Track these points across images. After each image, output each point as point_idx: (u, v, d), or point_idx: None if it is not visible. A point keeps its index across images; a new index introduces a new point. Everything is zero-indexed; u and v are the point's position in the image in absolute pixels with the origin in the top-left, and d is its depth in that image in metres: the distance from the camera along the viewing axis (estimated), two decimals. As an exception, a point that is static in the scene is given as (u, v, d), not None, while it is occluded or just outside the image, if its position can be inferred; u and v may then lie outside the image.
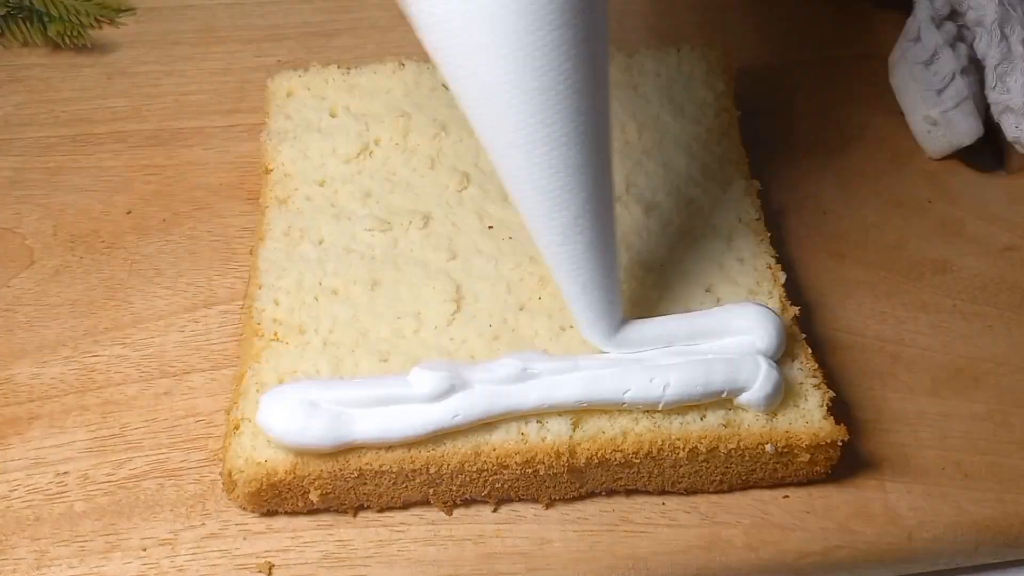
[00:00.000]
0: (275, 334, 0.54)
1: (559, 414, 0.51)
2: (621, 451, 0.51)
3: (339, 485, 0.51)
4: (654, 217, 0.59)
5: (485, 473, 0.51)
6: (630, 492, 0.54)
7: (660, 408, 0.51)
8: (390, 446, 0.50)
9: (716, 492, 0.54)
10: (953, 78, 0.67)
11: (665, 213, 0.60)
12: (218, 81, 0.73)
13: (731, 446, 0.51)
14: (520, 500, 0.53)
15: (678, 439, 0.51)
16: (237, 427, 0.51)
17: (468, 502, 0.53)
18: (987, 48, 0.68)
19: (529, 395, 0.50)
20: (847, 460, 0.54)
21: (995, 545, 0.54)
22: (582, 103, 0.44)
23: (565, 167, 0.45)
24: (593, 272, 0.49)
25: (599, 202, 0.47)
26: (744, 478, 0.53)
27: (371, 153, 0.63)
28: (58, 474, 0.54)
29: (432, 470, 0.50)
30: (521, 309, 0.55)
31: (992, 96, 0.68)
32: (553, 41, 0.42)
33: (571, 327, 0.53)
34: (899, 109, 0.70)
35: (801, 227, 0.65)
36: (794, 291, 0.60)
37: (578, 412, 0.51)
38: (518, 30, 0.42)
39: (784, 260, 0.60)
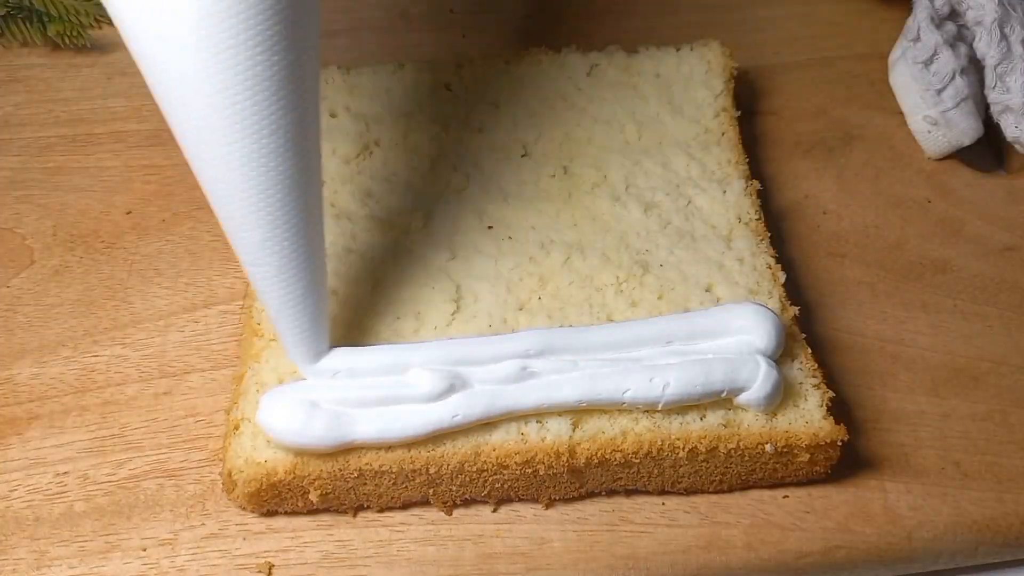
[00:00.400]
0: (275, 334, 0.54)
1: (559, 414, 0.51)
2: (621, 451, 0.51)
3: (339, 485, 0.51)
4: (653, 217, 0.59)
5: (485, 473, 0.51)
6: (630, 492, 0.54)
7: (660, 408, 0.51)
8: (390, 446, 0.50)
9: (716, 492, 0.54)
10: (953, 78, 0.67)
11: (664, 213, 0.60)
12: (218, 81, 0.73)
13: (731, 446, 0.51)
14: (520, 500, 0.53)
15: (678, 439, 0.51)
16: (237, 427, 0.51)
17: (468, 502, 0.53)
18: (987, 48, 0.68)
19: (529, 395, 0.50)
20: (847, 460, 0.54)
21: (994, 545, 0.54)
22: (276, 123, 0.42)
23: (253, 186, 0.43)
24: (288, 294, 0.47)
25: (294, 226, 0.45)
26: (744, 478, 0.53)
27: (371, 153, 0.63)
28: (58, 474, 0.54)
29: (432, 470, 0.50)
30: (520, 309, 0.55)
31: (992, 96, 0.68)
32: (246, 55, 0.40)
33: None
34: (899, 109, 0.70)
35: (801, 227, 0.65)
36: (794, 291, 0.60)
37: (578, 412, 0.51)
38: (214, 41, 0.40)
39: (784, 260, 0.60)
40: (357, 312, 0.55)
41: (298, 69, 0.42)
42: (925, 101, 0.68)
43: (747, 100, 0.70)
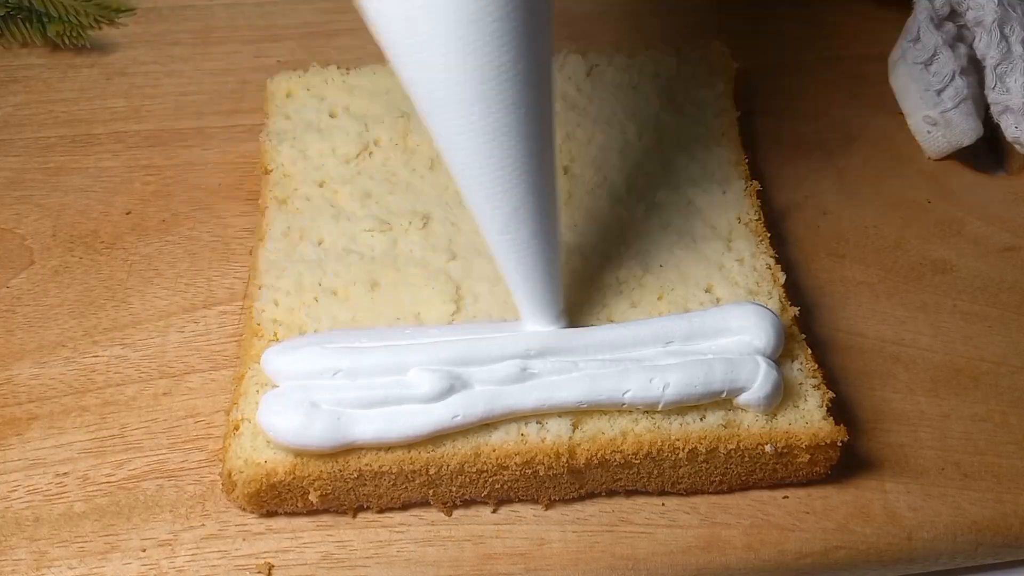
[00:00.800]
0: (275, 334, 0.54)
1: (559, 415, 0.51)
2: (621, 452, 0.51)
3: (339, 486, 0.51)
4: (654, 217, 0.59)
5: (485, 474, 0.51)
6: (630, 493, 0.54)
7: (660, 408, 0.51)
8: (390, 447, 0.50)
9: (716, 493, 0.54)
10: (953, 78, 0.67)
11: (665, 213, 0.60)
12: (217, 82, 0.73)
13: (731, 447, 0.51)
14: (520, 501, 0.53)
15: (678, 440, 0.51)
16: (237, 428, 0.51)
17: (468, 503, 0.53)
18: (987, 48, 0.68)
19: (529, 396, 0.50)
20: (846, 460, 0.54)
21: (994, 545, 0.54)
22: (522, 95, 0.45)
23: (505, 157, 0.46)
24: (535, 262, 0.50)
25: (540, 194, 0.48)
26: (744, 479, 0.53)
27: (371, 154, 0.63)
28: (57, 475, 0.54)
29: (432, 471, 0.50)
30: (521, 309, 0.55)
31: (992, 96, 0.68)
32: (495, 32, 0.43)
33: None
34: (899, 109, 0.70)
35: (801, 227, 0.65)
36: (794, 291, 0.60)
37: (578, 413, 0.51)
38: (460, 19, 0.43)
39: (784, 260, 0.60)
40: (357, 313, 0.55)
41: (535, 55, 0.45)
42: (925, 101, 0.68)
43: (747, 100, 0.70)
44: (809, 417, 0.52)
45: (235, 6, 0.78)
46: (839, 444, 0.52)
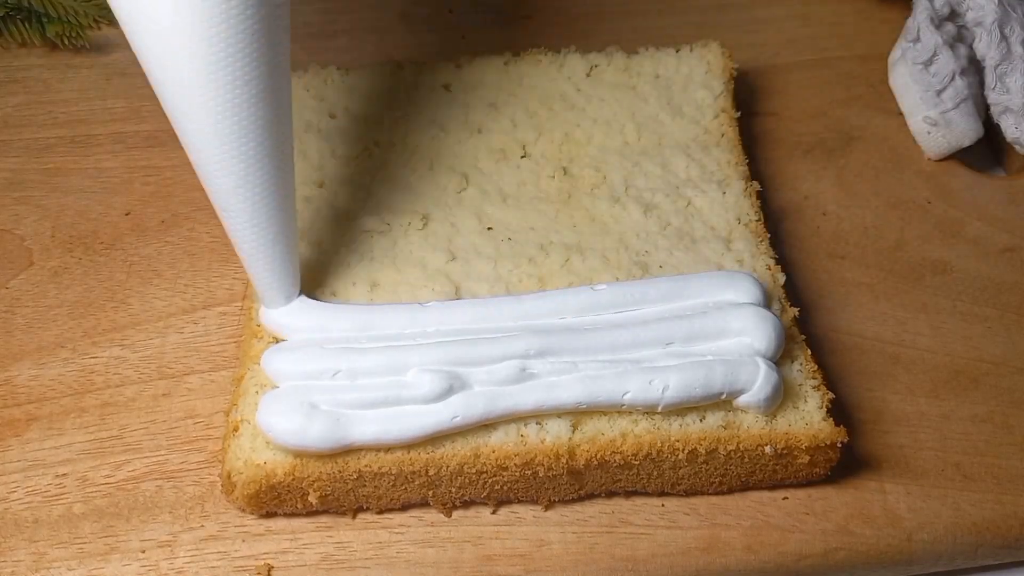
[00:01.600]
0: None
1: (558, 416, 0.51)
2: (620, 453, 0.51)
3: (338, 487, 0.51)
4: (653, 218, 0.59)
5: (484, 475, 0.51)
6: (629, 494, 0.54)
7: (659, 410, 0.51)
8: (389, 448, 0.50)
9: (715, 494, 0.54)
10: (953, 79, 0.67)
11: (664, 214, 0.60)
12: (217, 82, 0.73)
13: (730, 448, 0.51)
14: (519, 502, 0.53)
15: (677, 441, 0.51)
16: (236, 429, 0.51)
17: (467, 504, 0.53)
18: (987, 49, 0.68)
19: (528, 396, 0.50)
20: (846, 461, 0.54)
21: (994, 546, 0.54)
22: (249, 75, 0.45)
23: (227, 134, 0.46)
24: (260, 238, 0.50)
25: (265, 172, 0.48)
26: (743, 480, 0.53)
27: (370, 154, 0.63)
28: (56, 476, 0.54)
29: (431, 472, 0.50)
30: (520, 310, 0.55)
31: (992, 97, 0.68)
32: (220, 11, 0.43)
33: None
34: (899, 109, 0.70)
35: (801, 228, 0.65)
36: (793, 292, 0.60)
37: (577, 414, 0.51)
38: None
39: (783, 261, 0.60)
40: (356, 313, 0.55)
41: (270, 23, 0.45)
42: (925, 102, 0.68)
43: (747, 101, 0.70)
44: (809, 418, 0.52)
45: (234, 6, 0.78)
46: (839, 445, 0.52)
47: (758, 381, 0.50)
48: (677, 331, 0.52)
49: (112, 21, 0.75)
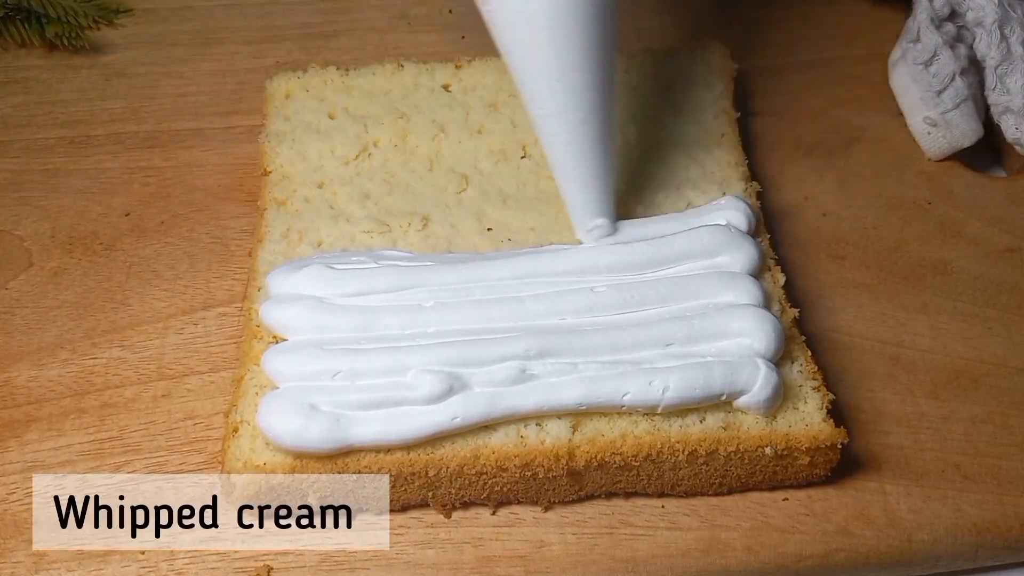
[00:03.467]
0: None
1: (558, 416, 0.51)
2: (620, 454, 0.51)
3: (338, 488, 0.51)
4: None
5: (484, 476, 0.51)
6: (629, 495, 0.54)
7: (659, 411, 0.51)
8: (389, 449, 0.50)
9: (715, 495, 0.54)
10: (953, 79, 0.67)
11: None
12: (216, 83, 0.73)
13: (730, 449, 0.51)
14: (519, 503, 0.53)
15: (677, 442, 0.51)
16: (236, 430, 0.51)
17: (467, 505, 0.53)
18: (987, 49, 0.68)
19: (528, 397, 0.50)
20: (846, 462, 0.54)
21: (995, 548, 0.54)
22: (593, 23, 0.51)
23: (576, 71, 0.52)
24: (593, 172, 0.54)
25: (603, 111, 0.54)
26: (743, 481, 0.53)
27: (370, 155, 0.63)
28: (56, 477, 0.54)
29: (431, 473, 0.50)
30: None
31: (992, 97, 0.68)
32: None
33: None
34: (899, 110, 0.70)
35: (801, 229, 0.65)
36: (793, 293, 0.60)
37: (577, 414, 0.51)
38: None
39: (783, 262, 0.60)
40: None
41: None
42: (925, 102, 0.68)
43: (747, 101, 0.70)
44: (809, 419, 0.52)
45: (234, 7, 0.78)
46: (839, 446, 0.52)
47: (758, 382, 0.50)
48: (677, 332, 0.52)
49: (112, 21, 0.76)
